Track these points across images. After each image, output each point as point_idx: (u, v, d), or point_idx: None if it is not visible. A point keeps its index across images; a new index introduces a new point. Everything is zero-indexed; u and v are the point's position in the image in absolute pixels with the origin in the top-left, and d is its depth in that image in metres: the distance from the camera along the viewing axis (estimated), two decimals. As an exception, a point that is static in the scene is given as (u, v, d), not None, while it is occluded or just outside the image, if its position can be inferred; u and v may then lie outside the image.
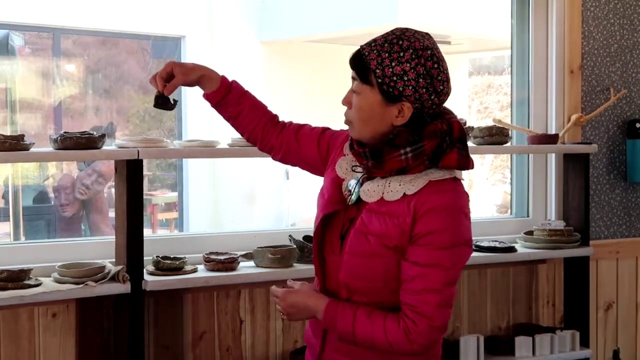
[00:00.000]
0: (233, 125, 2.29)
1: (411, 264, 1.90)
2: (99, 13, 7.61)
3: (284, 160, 2.29)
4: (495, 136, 3.47)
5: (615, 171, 4.01)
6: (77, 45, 8.03)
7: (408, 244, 1.91)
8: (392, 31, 1.95)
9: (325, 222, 2.04)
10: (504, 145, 3.53)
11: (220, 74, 2.24)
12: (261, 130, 2.26)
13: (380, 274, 1.94)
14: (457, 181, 1.97)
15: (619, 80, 3.99)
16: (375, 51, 1.91)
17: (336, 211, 2.03)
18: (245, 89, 2.27)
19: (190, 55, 8.21)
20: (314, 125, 2.29)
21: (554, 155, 3.87)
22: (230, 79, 2.25)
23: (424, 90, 1.89)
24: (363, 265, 1.95)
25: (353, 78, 1.97)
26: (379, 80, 1.90)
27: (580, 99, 3.89)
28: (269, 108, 2.32)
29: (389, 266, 1.93)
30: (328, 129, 2.27)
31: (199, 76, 2.20)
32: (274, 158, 2.30)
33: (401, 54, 1.88)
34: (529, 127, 3.89)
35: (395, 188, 1.94)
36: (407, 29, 1.94)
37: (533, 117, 3.92)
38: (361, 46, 1.96)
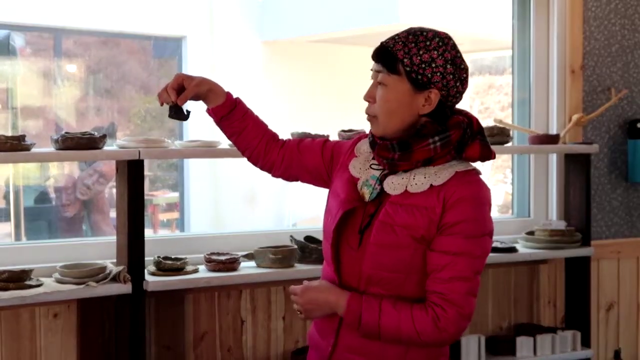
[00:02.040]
0: (235, 141, 2.29)
1: (440, 253, 1.94)
2: (100, 13, 7.61)
3: (285, 174, 2.31)
4: (497, 136, 3.47)
5: (617, 171, 4.01)
6: (78, 46, 8.03)
7: (435, 235, 1.95)
8: (410, 28, 2.01)
9: (341, 219, 2.05)
10: (505, 145, 3.53)
11: (226, 89, 2.25)
12: (264, 146, 2.28)
13: (406, 264, 1.97)
14: (479, 173, 2.03)
15: (620, 80, 3.99)
16: (400, 42, 1.96)
17: (352, 209, 2.05)
18: (248, 106, 2.28)
19: (191, 56, 8.21)
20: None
21: (555, 155, 3.87)
22: (234, 96, 2.25)
23: (451, 77, 1.96)
24: (389, 256, 1.97)
25: (377, 71, 2.00)
26: (407, 69, 1.95)
27: (582, 99, 3.89)
28: (271, 106, 2.34)
29: (414, 257, 1.96)
30: (329, 140, 2.30)
31: (207, 89, 2.21)
32: (274, 174, 2.33)
33: (427, 43, 1.95)
34: (530, 127, 3.89)
35: (420, 180, 1.98)
36: (423, 27, 2.01)
37: (534, 117, 3.92)
38: (383, 42, 2.00)
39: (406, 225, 1.96)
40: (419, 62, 1.94)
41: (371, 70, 2.04)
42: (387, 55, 1.97)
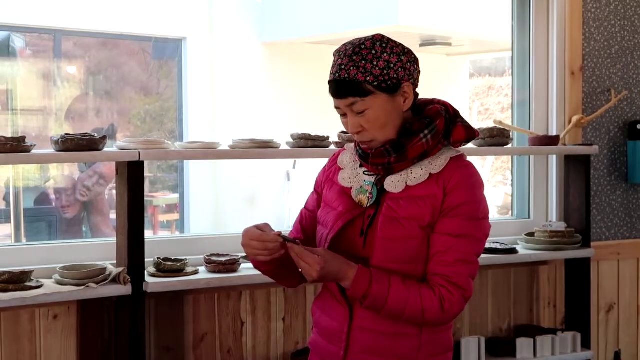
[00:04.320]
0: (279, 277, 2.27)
1: (444, 235, 1.99)
2: (100, 14, 7.61)
3: None
4: (496, 138, 3.47)
5: (616, 172, 4.01)
6: (78, 47, 8.03)
7: (439, 218, 2.00)
8: (341, 50, 2.03)
9: (341, 229, 2.06)
10: (505, 146, 3.53)
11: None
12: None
13: (414, 255, 2.01)
14: (466, 157, 2.10)
15: (620, 81, 3.99)
16: (351, 67, 1.98)
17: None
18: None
19: (191, 57, 8.21)
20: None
21: (555, 156, 3.87)
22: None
23: (409, 64, 2.03)
24: (399, 248, 2.00)
25: (351, 105, 2.00)
26: (375, 84, 1.98)
27: (581, 100, 3.89)
28: (270, 107, 2.34)
29: (422, 246, 2.01)
30: (306, 205, 2.27)
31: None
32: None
33: (373, 52, 1.99)
34: (529, 129, 3.89)
35: (418, 173, 2.03)
36: (348, 43, 2.03)
37: (534, 119, 3.92)
38: (335, 78, 2.00)
39: (412, 217, 2.00)
40: (380, 72, 1.98)
41: (337, 107, 2.04)
42: (350, 86, 1.98)
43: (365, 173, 2.11)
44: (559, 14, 3.85)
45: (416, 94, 2.09)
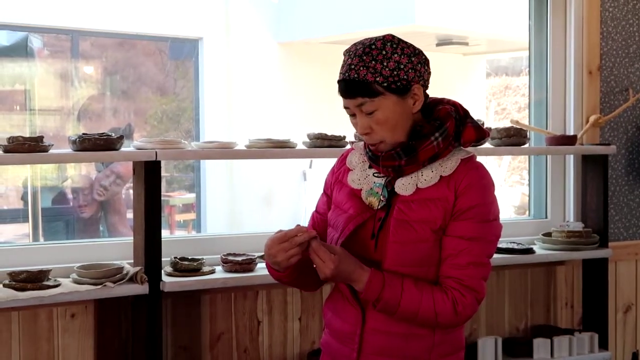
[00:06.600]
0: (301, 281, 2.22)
1: (456, 238, 1.99)
2: (117, 15, 7.65)
3: None
4: (513, 137, 3.45)
5: (634, 172, 3.98)
6: (95, 47, 8.07)
7: (450, 221, 1.99)
8: (351, 50, 2.02)
9: (351, 233, 2.06)
10: (522, 146, 3.51)
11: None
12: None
13: (426, 258, 2.00)
14: (477, 158, 2.10)
15: (638, 81, 3.97)
16: (360, 67, 1.98)
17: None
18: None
19: (208, 57, 8.23)
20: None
21: (572, 156, 3.85)
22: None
23: (420, 66, 2.01)
24: (411, 251, 2.00)
25: (360, 105, 2.00)
26: (385, 85, 1.97)
27: (599, 100, 3.87)
28: (286, 107, 2.34)
29: (434, 250, 2.00)
30: (317, 209, 2.27)
31: None
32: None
33: (384, 52, 1.98)
34: (547, 128, 3.88)
35: (428, 175, 2.03)
36: (358, 43, 2.02)
37: (551, 118, 3.90)
38: (345, 78, 2.00)
39: (423, 220, 1.99)
40: (389, 72, 1.96)
41: (346, 107, 2.04)
42: (359, 87, 1.98)
43: (375, 175, 2.10)
44: (577, 13, 3.83)
45: (426, 96, 2.07)
